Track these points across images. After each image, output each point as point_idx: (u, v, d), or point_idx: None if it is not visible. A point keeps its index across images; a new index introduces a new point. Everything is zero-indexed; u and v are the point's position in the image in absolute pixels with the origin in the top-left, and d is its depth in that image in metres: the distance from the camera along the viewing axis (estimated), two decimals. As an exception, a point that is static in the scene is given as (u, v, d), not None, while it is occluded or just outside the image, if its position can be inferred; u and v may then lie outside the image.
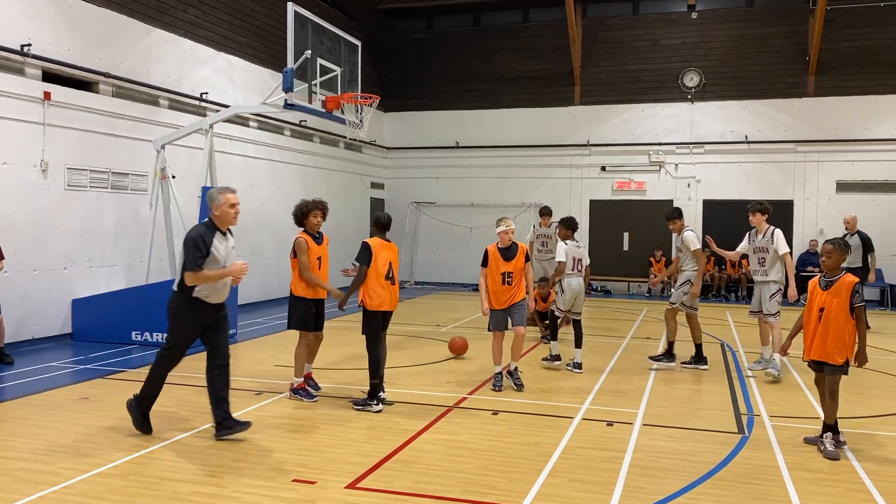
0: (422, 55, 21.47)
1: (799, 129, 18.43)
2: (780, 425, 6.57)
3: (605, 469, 5.34)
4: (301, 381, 7.41)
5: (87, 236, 11.12)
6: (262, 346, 10.75)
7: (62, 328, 10.76)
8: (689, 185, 19.19)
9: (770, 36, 18.86)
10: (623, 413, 6.94)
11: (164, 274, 11.66)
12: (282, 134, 16.37)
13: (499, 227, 7.86)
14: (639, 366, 9.35)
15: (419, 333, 11.81)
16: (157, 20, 12.63)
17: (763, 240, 8.92)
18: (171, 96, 12.84)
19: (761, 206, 9.06)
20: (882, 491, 4.98)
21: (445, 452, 5.71)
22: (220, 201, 5.95)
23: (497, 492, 4.88)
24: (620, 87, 19.79)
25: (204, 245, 5.79)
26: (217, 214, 5.96)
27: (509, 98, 20.58)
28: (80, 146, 10.96)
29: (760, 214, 8.98)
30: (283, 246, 16.15)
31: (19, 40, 10.09)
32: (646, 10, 20.09)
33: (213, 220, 5.98)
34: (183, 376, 8.39)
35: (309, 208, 7.40)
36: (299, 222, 7.46)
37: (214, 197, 5.99)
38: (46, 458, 5.42)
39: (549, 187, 20.00)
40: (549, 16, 20.31)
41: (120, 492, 4.80)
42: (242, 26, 15.00)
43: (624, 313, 15.39)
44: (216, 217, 5.97)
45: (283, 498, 4.72)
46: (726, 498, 4.84)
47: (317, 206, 7.45)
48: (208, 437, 6.01)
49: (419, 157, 21.30)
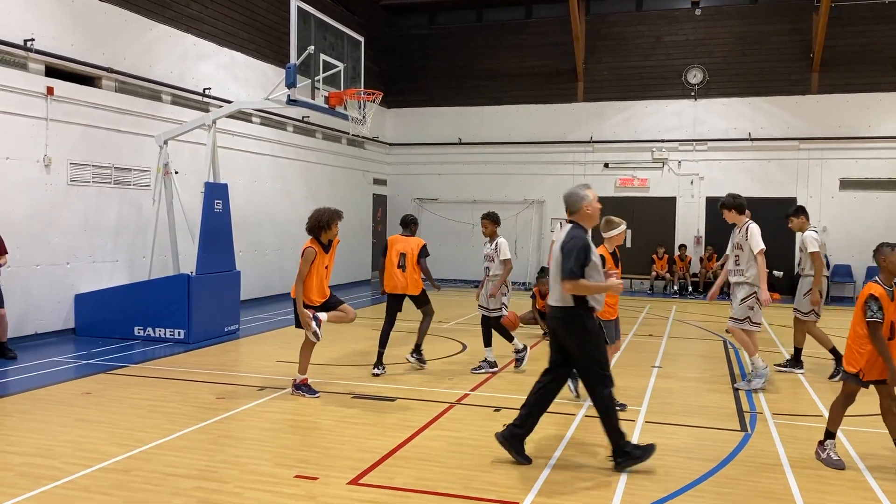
0: (424, 51, 21.43)
1: (802, 126, 18.39)
2: (782, 423, 6.57)
3: (608, 466, 5.33)
4: (304, 378, 7.41)
5: (90, 231, 11.13)
6: (265, 341, 10.76)
7: (65, 323, 10.77)
8: (691, 183, 19.16)
9: (774, 33, 18.81)
10: (625, 410, 6.93)
11: (166, 269, 11.68)
12: (284, 130, 16.36)
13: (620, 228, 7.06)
14: (641, 363, 9.33)
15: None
16: (160, 15, 12.62)
17: (739, 236, 7.97)
18: (174, 92, 12.83)
19: (733, 200, 7.99)
20: (885, 489, 4.97)
21: (447, 449, 5.71)
22: (589, 199, 5.41)
23: (499, 488, 4.88)
24: (623, 83, 19.75)
25: (589, 252, 5.25)
26: (589, 213, 5.41)
27: (512, 94, 20.55)
28: (82, 141, 10.96)
29: (734, 211, 8.01)
30: (284, 242, 16.17)
31: (22, 35, 10.09)
32: (649, 7, 20.04)
33: (580, 221, 5.43)
34: (186, 371, 8.40)
35: (331, 221, 7.13)
36: (316, 234, 7.20)
37: (583, 195, 5.42)
38: (49, 453, 5.43)
39: (552, 184, 19.96)
40: (552, 12, 20.26)
41: (122, 487, 4.80)
42: (245, 22, 14.98)
43: (626, 310, 15.35)
44: (586, 216, 5.42)
45: (285, 493, 4.72)
46: (729, 495, 4.84)
47: (338, 217, 7.22)
48: (210, 433, 6.01)
49: (422, 153, 21.28)
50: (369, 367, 8.59)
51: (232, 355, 9.77)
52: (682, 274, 18.67)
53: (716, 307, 15.88)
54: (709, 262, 18.53)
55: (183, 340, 10.32)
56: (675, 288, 18.59)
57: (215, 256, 10.94)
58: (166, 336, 10.42)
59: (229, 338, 10.90)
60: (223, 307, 11.06)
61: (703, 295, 18.19)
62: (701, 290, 18.48)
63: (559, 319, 5.38)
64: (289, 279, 16.36)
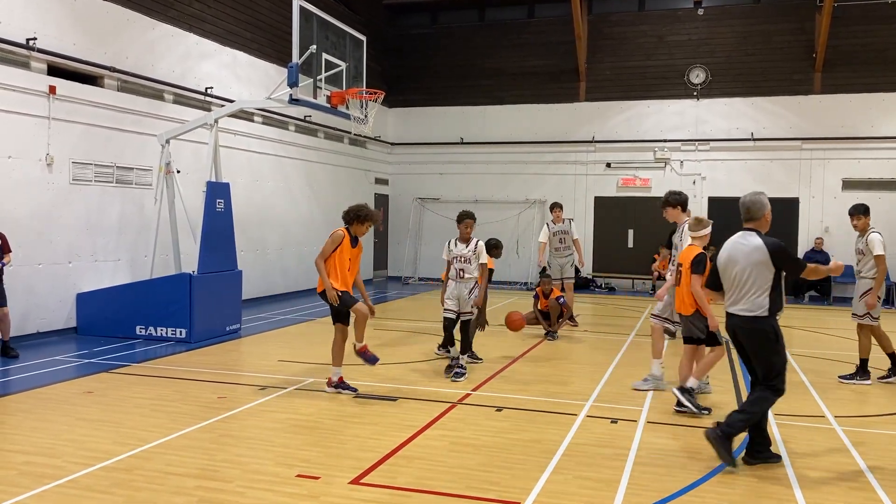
0: (426, 51, 21.42)
1: (805, 126, 18.36)
2: (784, 423, 6.56)
3: (610, 466, 5.33)
4: (340, 375, 7.42)
5: (92, 230, 11.13)
6: (266, 341, 10.77)
7: (66, 322, 10.78)
8: (694, 183, 19.13)
9: (776, 33, 18.78)
10: (627, 410, 6.93)
11: (168, 269, 11.68)
12: (286, 129, 16.36)
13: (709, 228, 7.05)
14: (642, 363, 9.32)
15: (423, 329, 11.80)
16: (163, 14, 12.62)
17: (677, 236, 7.74)
18: (176, 91, 12.83)
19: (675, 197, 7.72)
20: (887, 489, 4.97)
21: (449, 448, 5.70)
22: (768, 207, 5.52)
23: (500, 488, 4.88)
24: (626, 83, 19.73)
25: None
26: (768, 220, 5.52)
27: (514, 94, 20.53)
28: (84, 140, 10.97)
29: (672, 208, 7.72)
30: (286, 241, 16.18)
31: (25, 34, 10.10)
32: (651, 7, 20.01)
33: (759, 228, 5.49)
34: (187, 371, 8.41)
35: (367, 218, 7.30)
36: (349, 222, 7.34)
37: (765, 202, 5.51)
38: (50, 452, 5.43)
39: (554, 184, 19.95)
40: (555, 11, 20.23)
41: (124, 486, 4.80)
42: (247, 21, 14.99)
43: (627, 310, 15.36)
44: (765, 223, 5.51)
45: (287, 493, 4.72)
46: (730, 496, 4.83)
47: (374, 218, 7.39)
48: (212, 432, 6.02)
49: (423, 152, 21.27)
50: (369, 367, 8.59)
51: (233, 355, 9.77)
52: (684, 274, 18.62)
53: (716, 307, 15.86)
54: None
55: (184, 340, 10.32)
56: (676, 288, 18.54)
57: (217, 256, 10.94)
58: (168, 335, 10.42)
59: (231, 337, 10.90)
60: (225, 306, 11.06)
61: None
62: (703, 291, 18.43)
63: (748, 329, 5.41)
64: (290, 278, 16.55)
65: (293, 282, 16.31)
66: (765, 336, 5.36)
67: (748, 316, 5.38)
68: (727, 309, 5.59)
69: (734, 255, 5.49)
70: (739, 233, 5.59)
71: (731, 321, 5.54)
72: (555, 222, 12.21)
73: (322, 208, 17.51)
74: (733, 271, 5.49)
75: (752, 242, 5.41)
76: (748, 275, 5.37)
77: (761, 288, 5.34)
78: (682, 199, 7.70)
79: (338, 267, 7.23)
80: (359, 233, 7.35)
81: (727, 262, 5.57)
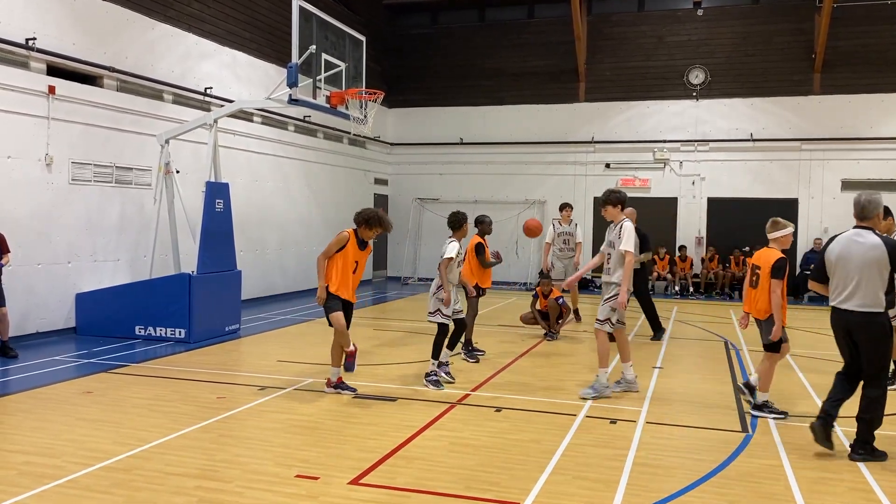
0: (426, 51, 21.43)
1: (804, 127, 18.37)
2: (783, 424, 6.56)
3: (609, 467, 5.33)
4: (339, 375, 7.43)
5: (91, 230, 11.13)
6: (266, 341, 10.77)
7: (66, 322, 10.77)
8: (693, 183, 19.15)
9: (776, 33, 18.79)
10: (626, 411, 6.93)
11: (167, 269, 11.68)
12: (286, 129, 16.36)
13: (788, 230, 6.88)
14: (642, 363, 9.32)
15: (422, 329, 11.79)
16: (162, 14, 12.62)
17: (613, 233, 7.55)
18: (176, 91, 12.83)
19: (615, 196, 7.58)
20: (886, 490, 4.97)
21: (448, 449, 5.70)
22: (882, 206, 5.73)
23: (499, 489, 4.88)
24: (625, 84, 19.73)
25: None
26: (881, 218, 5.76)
27: (513, 94, 20.54)
28: (84, 140, 10.96)
29: (612, 207, 7.54)
30: (285, 241, 16.18)
31: (24, 34, 10.09)
32: (651, 7, 20.02)
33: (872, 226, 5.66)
34: (187, 371, 8.41)
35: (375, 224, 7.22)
36: (358, 224, 7.29)
37: (879, 202, 5.67)
38: (50, 452, 5.43)
39: (554, 184, 19.96)
40: (554, 12, 20.24)
41: (123, 486, 4.80)
42: (247, 21, 14.99)
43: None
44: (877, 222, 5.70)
45: (286, 493, 4.72)
46: (730, 496, 4.83)
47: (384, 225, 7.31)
48: (211, 432, 6.02)
49: (423, 153, 21.27)
50: (370, 367, 8.59)
51: (233, 355, 9.77)
52: (683, 275, 18.66)
53: (716, 307, 15.88)
54: (710, 263, 18.52)
55: (184, 340, 10.32)
56: (676, 289, 18.57)
57: (216, 256, 10.94)
58: (167, 335, 10.42)
59: (230, 337, 10.90)
60: (224, 306, 11.06)
61: (704, 296, 18.20)
62: (702, 291, 18.47)
63: (864, 323, 5.54)
64: (290, 279, 16.55)
65: (292, 282, 16.31)
66: (882, 330, 5.55)
67: (866, 311, 5.53)
68: (836, 305, 5.70)
69: (849, 251, 5.62)
70: (853, 230, 5.73)
71: (842, 316, 5.66)
72: (562, 223, 12.23)
73: (321, 208, 17.51)
74: (847, 268, 5.61)
75: (870, 240, 5.57)
76: (865, 271, 5.51)
77: (879, 284, 5.52)
78: (621, 198, 7.57)
79: (341, 268, 7.21)
80: (366, 237, 7.31)
81: (839, 258, 5.69)
